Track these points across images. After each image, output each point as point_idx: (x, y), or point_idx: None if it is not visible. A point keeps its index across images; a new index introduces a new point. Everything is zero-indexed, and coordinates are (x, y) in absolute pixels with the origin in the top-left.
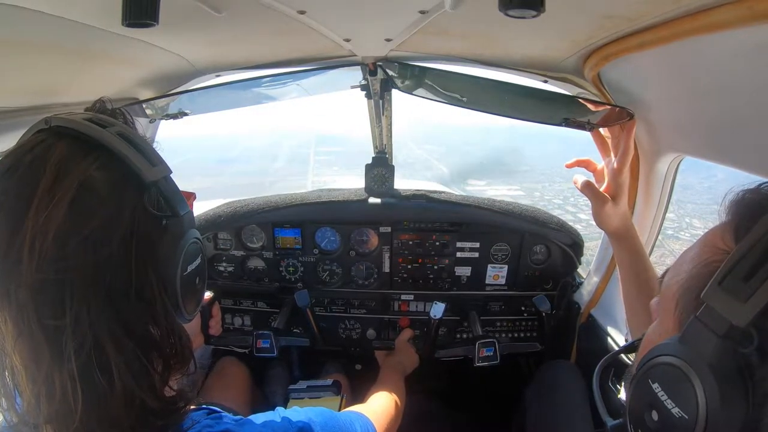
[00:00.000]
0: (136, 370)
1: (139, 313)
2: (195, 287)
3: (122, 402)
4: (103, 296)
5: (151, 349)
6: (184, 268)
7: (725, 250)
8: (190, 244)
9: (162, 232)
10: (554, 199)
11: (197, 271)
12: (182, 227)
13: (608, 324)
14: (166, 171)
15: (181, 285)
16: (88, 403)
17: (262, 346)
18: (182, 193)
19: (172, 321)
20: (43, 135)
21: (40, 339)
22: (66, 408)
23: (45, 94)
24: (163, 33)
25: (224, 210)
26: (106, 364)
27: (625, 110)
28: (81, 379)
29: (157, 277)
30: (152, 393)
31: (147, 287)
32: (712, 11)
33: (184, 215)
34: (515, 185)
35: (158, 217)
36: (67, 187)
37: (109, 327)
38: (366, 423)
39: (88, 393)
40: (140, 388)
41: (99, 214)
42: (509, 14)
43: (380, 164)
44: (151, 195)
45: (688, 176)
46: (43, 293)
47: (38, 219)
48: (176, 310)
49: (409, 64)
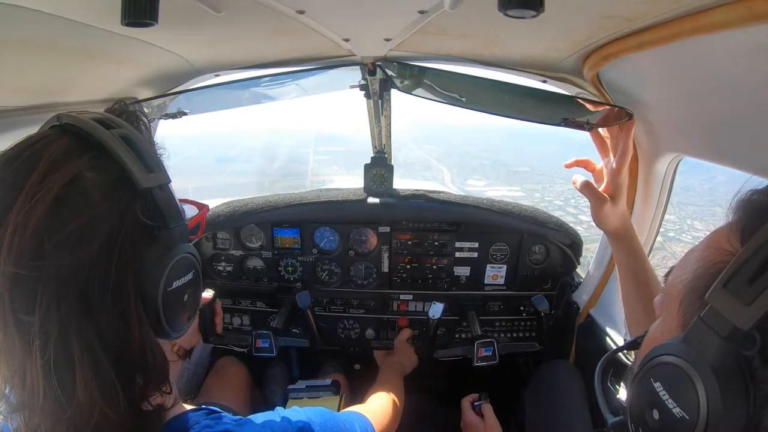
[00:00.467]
0: (102, 378)
1: (113, 322)
2: (182, 304)
3: (82, 408)
4: (74, 298)
5: (122, 362)
6: (168, 283)
7: (730, 252)
8: (179, 259)
9: (149, 243)
10: (555, 200)
11: (186, 287)
12: (172, 240)
13: (607, 324)
14: (164, 179)
15: (163, 300)
16: (49, 402)
17: (261, 345)
18: (195, 204)
19: (147, 336)
20: (51, 131)
21: (13, 331)
22: (32, 401)
23: (44, 93)
24: (162, 32)
25: (223, 209)
26: (71, 367)
27: (624, 110)
28: (44, 378)
29: (137, 287)
30: (116, 406)
31: (124, 297)
32: (711, 12)
33: (175, 227)
34: (515, 186)
35: (148, 227)
36: (54, 183)
37: (79, 330)
38: (365, 423)
39: (50, 393)
40: (104, 400)
41: (84, 214)
42: (509, 14)
43: (379, 164)
44: (146, 203)
45: (689, 178)
46: (18, 287)
47: (21, 212)
48: (157, 326)
49: (409, 64)
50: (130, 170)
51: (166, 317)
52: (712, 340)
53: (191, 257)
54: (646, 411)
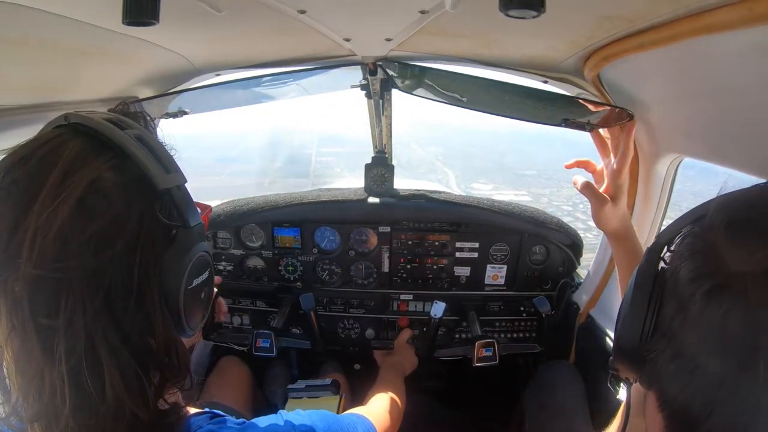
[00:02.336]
0: (130, 380)
1: (137, 322)
2: (200, 302)
3: (112, 411)
4: (100, 300)
5: (147, 360)
6: (189, 282)
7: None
8: (197, 257)
9: (170, 242)
10: (563, 205)
11: (203, 285)
12: (191, 239)
13: (607, 325)
14: (181, 180)
15: (184, 298)
16: (76, 409)
17: (261, 345)
18: (198, 205)
19: (171, 334)
20: (61, 130)
21: (32, 336)
22: (52, 409)
23: (45, 92)
24: (163, 31)
25: (224, 209)
26: (99, 370)
27: (624, 111)
28: (70, 382)
29: (160, 287)
30: (145, 405)
31: (148, 297)
32: (711, 12)
33: (194, 227)
34: (522, 190)
35: (167, 226)
36: (76, 185)
37: (104, 332)
38: (368, 425)
39: (77, 398)
40: (132, 399)
41: (105, 216)
42: (509, 14)
43: (380, 164)
44: (163, 203)
45: (698, 183)
46: (39, 290)
47: (42, 214)
48: (177, 324)
49: (409, 64)
50: (150, 171)
51: (186, 315)
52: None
53: (207, 255)
54: None
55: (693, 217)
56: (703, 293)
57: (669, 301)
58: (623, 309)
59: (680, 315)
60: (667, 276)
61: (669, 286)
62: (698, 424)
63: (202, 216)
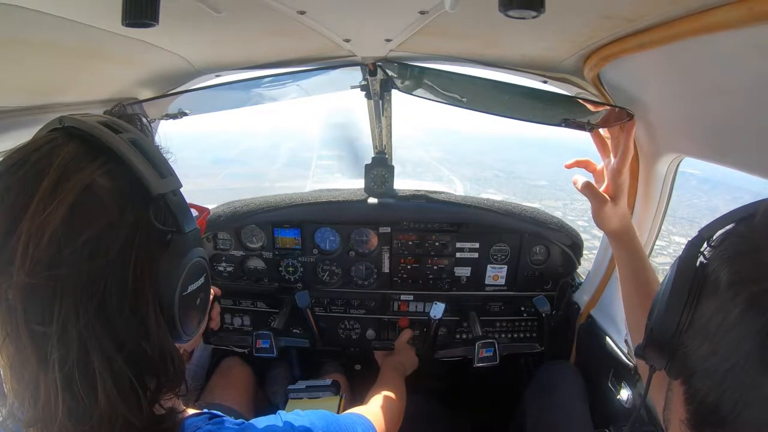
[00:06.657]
0: (123, 386)
1: (132, 329)
2: (196, 308)
3: (105, 418)
4: (94, 307)
5: (141, 367)
6: (184, 288)
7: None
8: (193, 263)
9: (164, 248)
10: (578, 220)
11: (199, 290)
12: (187, 244)
13: (608, 324)
14: (176, 184)
15: (179, 304)
16: (70, 415)
17: (261, 346)
18: (196, 208)
19: (166, 340)
20: (55, 134)
21: (27, 343)
22: (48, 415)
23: (45, 93)
24: (162, 33)
25: (224, 210)
26: (91, 377)
27: (624, 111)
28: (64, 389)
29: (154, 293)
30: (139, 411)
31: (142, 303)
32: (711, 12)
33: (189, 232)
34: (535, 202)
35: (162, 232)
36: (69, 191)
37: (98, 339)
38: (367, 425)
39: (70, 404)
40: (126, 406)
41: (99, 221)
42: (509, 15)
43: (380, 164)
44: (158, 208)
45: (713, 198)
46: (33, 297)
47: (35, 220)
48: (172, 330)
49: (409, 65)
50: (144, 176)
51: (182, 321)
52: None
53: (203, 261)
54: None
55: (739, 215)
56: (744, 299)
57: (708, 299)
58: (659, 298)
59: (719, 316)
60: (708, 273)
61: (709, 285)
62: (725, 423)
63: (199, 219)
